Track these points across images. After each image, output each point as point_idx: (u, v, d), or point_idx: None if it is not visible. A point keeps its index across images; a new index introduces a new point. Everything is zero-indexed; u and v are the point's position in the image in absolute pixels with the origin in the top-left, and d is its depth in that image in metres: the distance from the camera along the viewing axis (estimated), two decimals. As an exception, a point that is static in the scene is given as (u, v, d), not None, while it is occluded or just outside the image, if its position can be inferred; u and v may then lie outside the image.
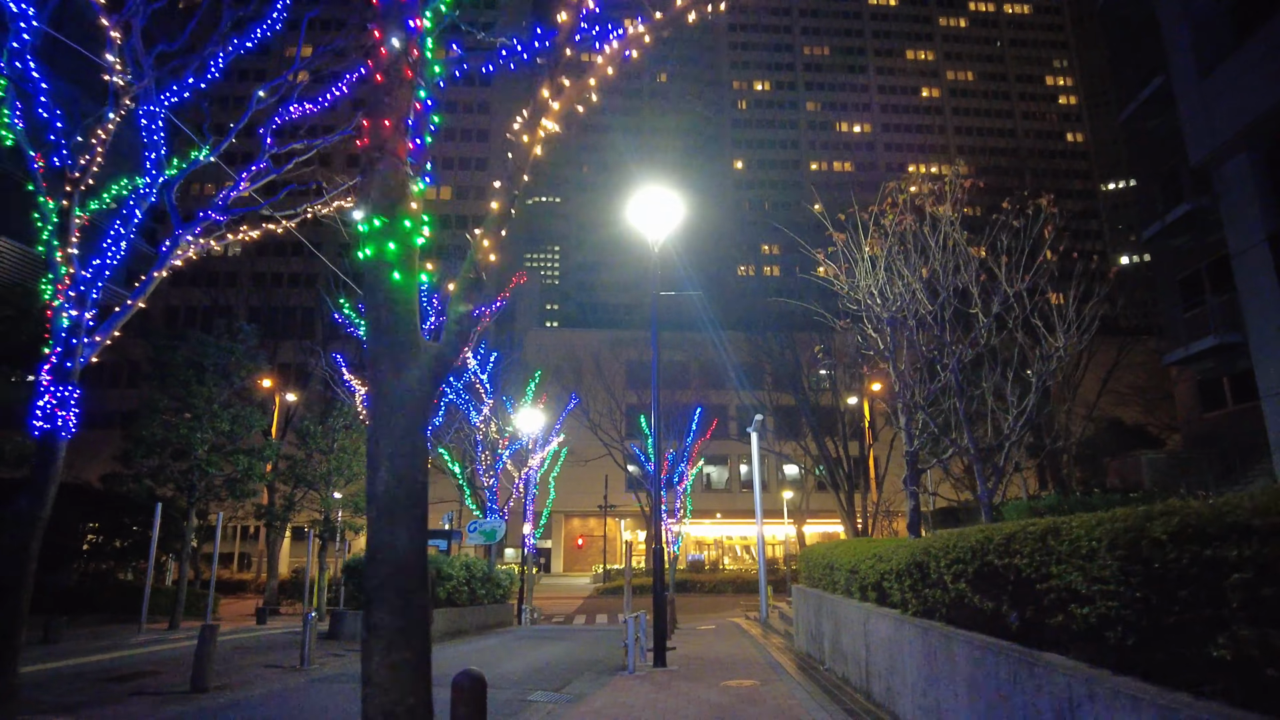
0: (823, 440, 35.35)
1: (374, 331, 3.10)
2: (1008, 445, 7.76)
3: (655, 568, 10.29)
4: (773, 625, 17.46)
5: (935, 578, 5.68)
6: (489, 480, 21.36)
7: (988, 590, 4.73)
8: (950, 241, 8.19)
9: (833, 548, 10.30)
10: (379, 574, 2.97)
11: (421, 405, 3.10)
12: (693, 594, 39.84)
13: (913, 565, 6.25)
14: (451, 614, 15.90)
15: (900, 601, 6.67)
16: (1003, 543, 4.49)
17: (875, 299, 10.17)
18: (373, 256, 3.10)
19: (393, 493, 2.99)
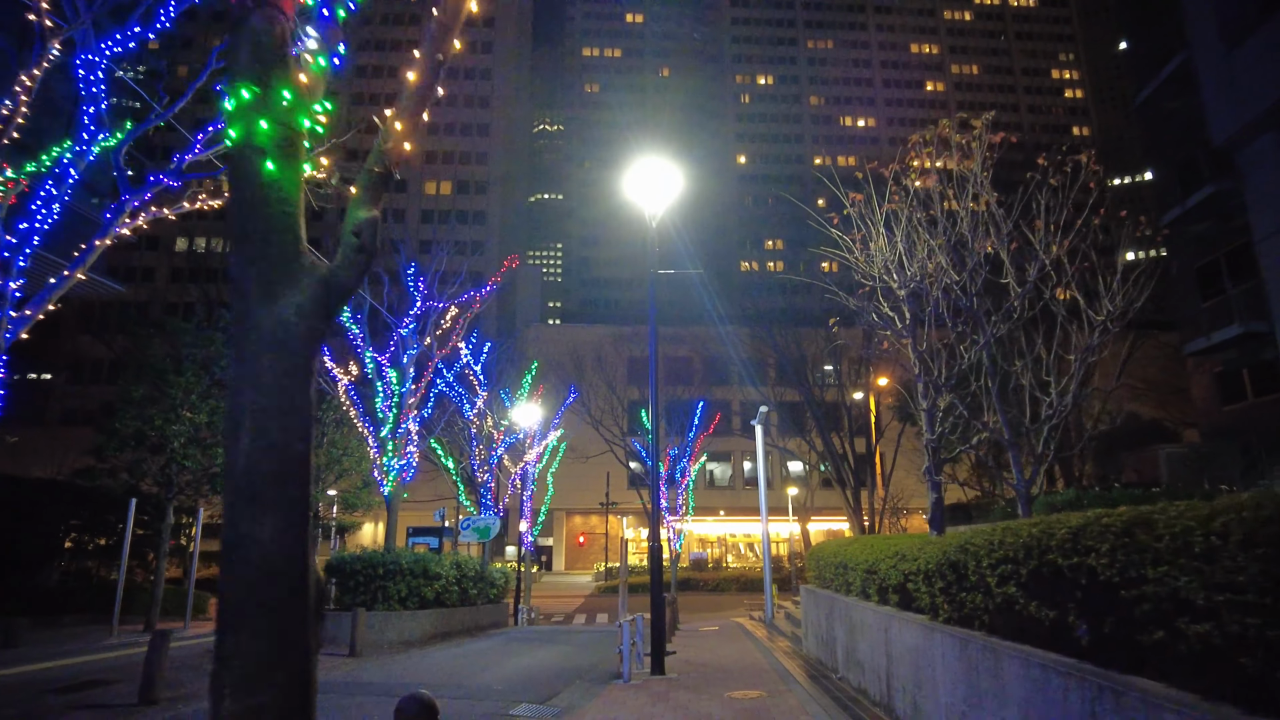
0: (829, 436, 34.47)
1: (239, 241, 2.27)
2: (1047, 429, 6.92)
3: (653, 568, 9.48)
4: (778, 626, 16.63)
5: (975, 580, 4.85)
6: (484, 476, 20.56)
7: (1047, 596, 3.89)
8: (983, 201, 7.36)
9: (846, 545, 9.47)
10: (235, 581, 2.11)
11: (303, 345, 2.25)
12: (695, 593, 39.11)
13: (945, 565, 5.42)
14: (440, 615, 15.11)
15: (929, 607, 5.84)
16: (1068, 538, 3.66)
17: (891, 275, 9.34)
18: (239, 139, 2.27)
19: (257, 466, 2.17)
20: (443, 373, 17.38)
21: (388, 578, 13.83)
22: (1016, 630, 4.33)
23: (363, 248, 2.35)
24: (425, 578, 14.30)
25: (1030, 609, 4.03)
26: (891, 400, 36.37)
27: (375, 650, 12.85)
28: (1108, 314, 6.59)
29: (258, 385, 2.16)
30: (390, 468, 14.80)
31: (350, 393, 15.13)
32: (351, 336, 14.60)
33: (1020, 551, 4.15)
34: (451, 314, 16.07)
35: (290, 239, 2.26)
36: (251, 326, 2.18)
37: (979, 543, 4.83)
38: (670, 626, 15.96)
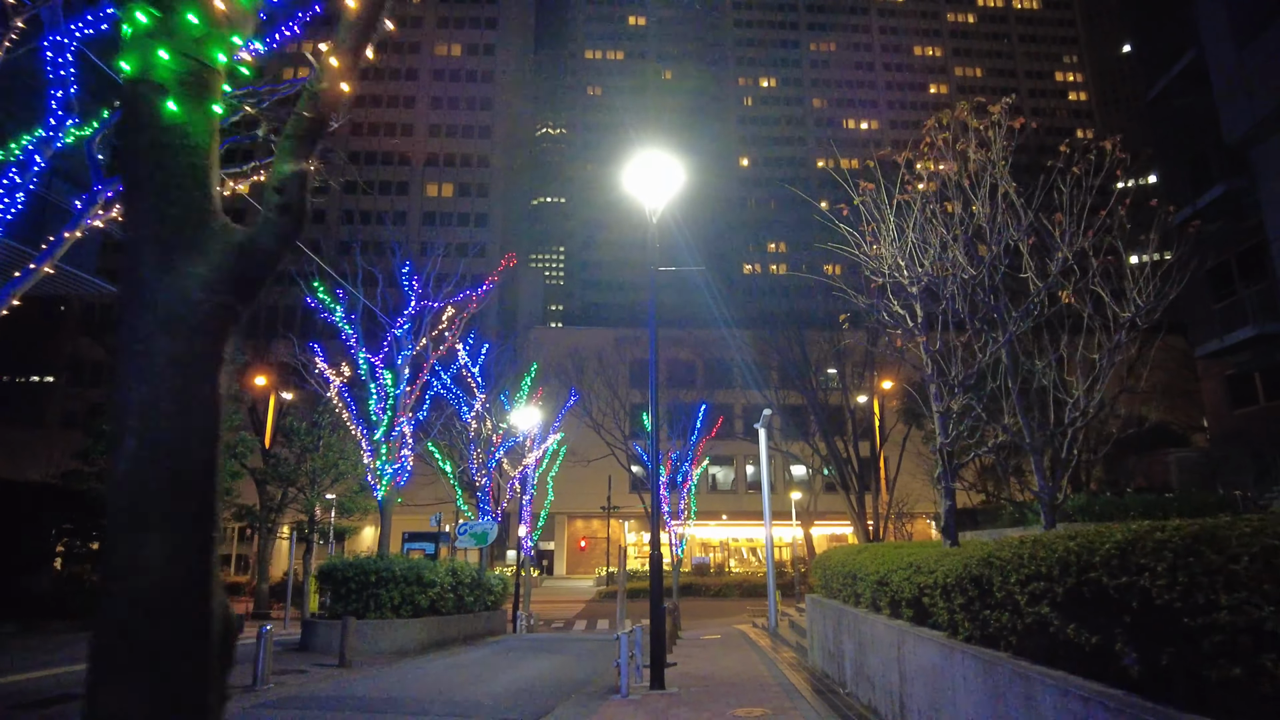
0: (832, 439, 34.03)
1: (130, 196, 1.82)
2: (1072, 431, 6.50)
3: (653, 577, 9.07)
4: (783, 636, 16.21)
5: (1001, 597, 4.43)
6: (482, 480, 20.16)
7: (1088, 619, 3.49)
8: (1001, 191, 6.95)
9: (854, 554, 9.05)
10: (110, 621, 1.66)
11: (210, 326, 1.80)
12: (698, 598, 38.75)
13: (966, 580, 5.00)
14: (434, 624, 14.69)
15: (947, 623, 5.43)
16: (1115, 555, 3.25)
17: (901, 272, 8.94)
18: (134, 73, 1.85)
19: (145, 476, 1.72)
20: (439, 374, 17.02)
21: (380, 585, 13.43)
22: (1049, 654, 3.92)
23: (287, 207, 1.92)
24: (419, 585, 13.90)
25: (1068, 632, 3.62)
26: (896, 403, 35.96)
27: (367, 660, 12.45)
28: (1136, 309, 6.18)
29: (149, 376, 1.71)
30: (384, 471, 14.41)
31: (344, 394, 14.76)
32: (344, 337, 14.23)
33: (1055, 568, 3.74)
34: (448, 314, 15.71)
35: (198, 196, 1.83)
36: (144, 303, 1.75)
37: (1005, 556, 4.42)
38: (671, 635, 15.54)
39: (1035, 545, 4.08)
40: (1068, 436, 6.58)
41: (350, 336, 14.20)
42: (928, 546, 7.69)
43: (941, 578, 5.49)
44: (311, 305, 13.89)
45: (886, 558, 7.41)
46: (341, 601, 13.52)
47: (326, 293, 14.05)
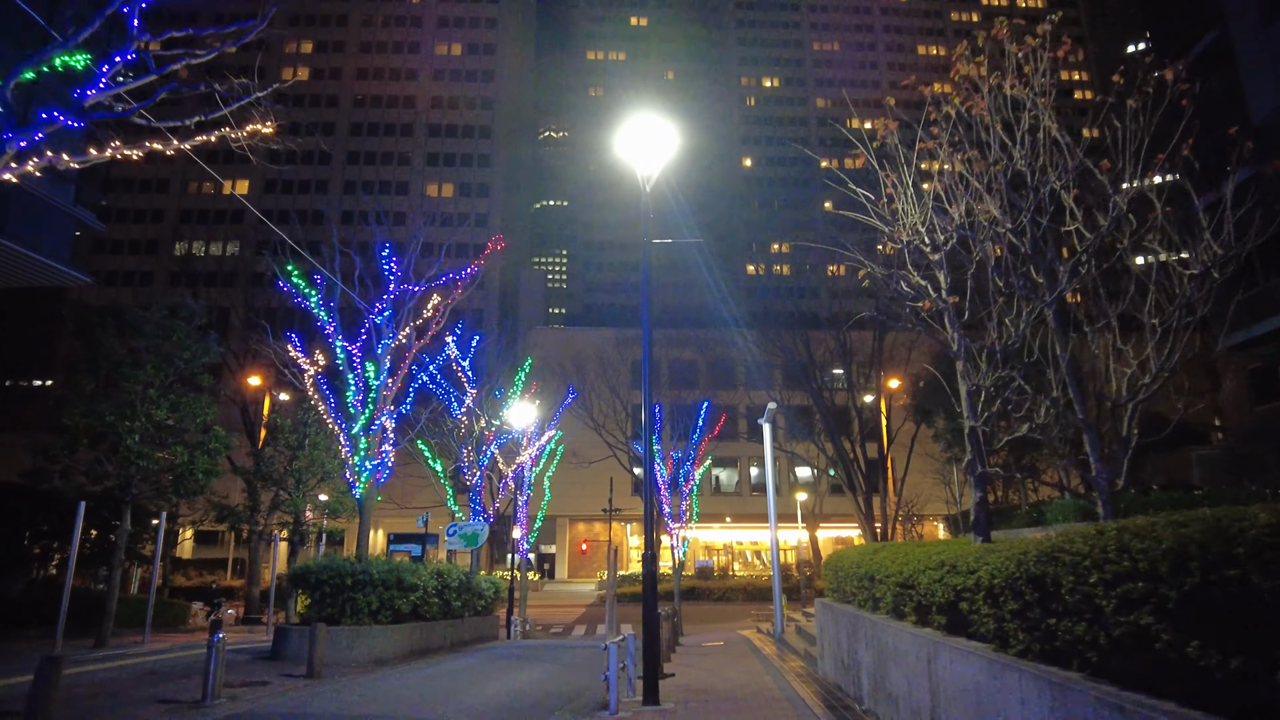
0: (839, 439, 33.06)
1: None
2: (1133, 406, 5.55)
3: (646, 580, 8.12)
4: (789, 642, 15.22)
5: (1073, 601, 3.49)
6: (473, 479, 19.23)
7: (1226, 635, 2.54)
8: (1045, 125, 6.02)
9: (871, 554, 8.09)
10: None
11: None
12: (701, 602, 37.83)
13: (1020, 581, 4.05)
14: (417, 630, 13.75)
15: (993, 633, 4.48)
16: (1258, 541, 2.31)
17: (923, 238, 8.03)
18: None
19: None
20: (426, 366, 16.09)
21: (357, 589, 12.49)
22: (1148, 678, 2.98)
23: None
24: (399, 589, 12.95)
25: (1190, 651, 2.67)
26: (906, 399, 34.97)
27: (340, 670, 11.51)
28: (1212, 258, 5.23)
29: None
30: (362, 468, 13.48)
31: (322, 385, 13.83)
32: (320, 324, 13.31)
33: (1164, 563, 2.79)
34: (433, 302, 14.79)
35: None
36: None
37: (1078, 549, 3.47)
38: (670, 642, 14.58)
39: (1126, 534, 3.14)
40: (1128, 412, 5.62)
41: (327, 324, 13.28)
42: (959, 544, 6.74)
43: (986, 579, 4.54)
44: (284, 289, 12.98)
45: (911, 557, 6.45)
46: (316, 607, 12.59)
47: (301, 277, 13.16)
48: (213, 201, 75.38)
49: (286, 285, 12.88)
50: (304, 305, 13.13)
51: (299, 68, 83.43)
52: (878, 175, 8.07)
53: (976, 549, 5.31)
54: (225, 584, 40.58)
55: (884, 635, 6.72)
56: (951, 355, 7.67)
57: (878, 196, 8.60)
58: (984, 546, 5.53)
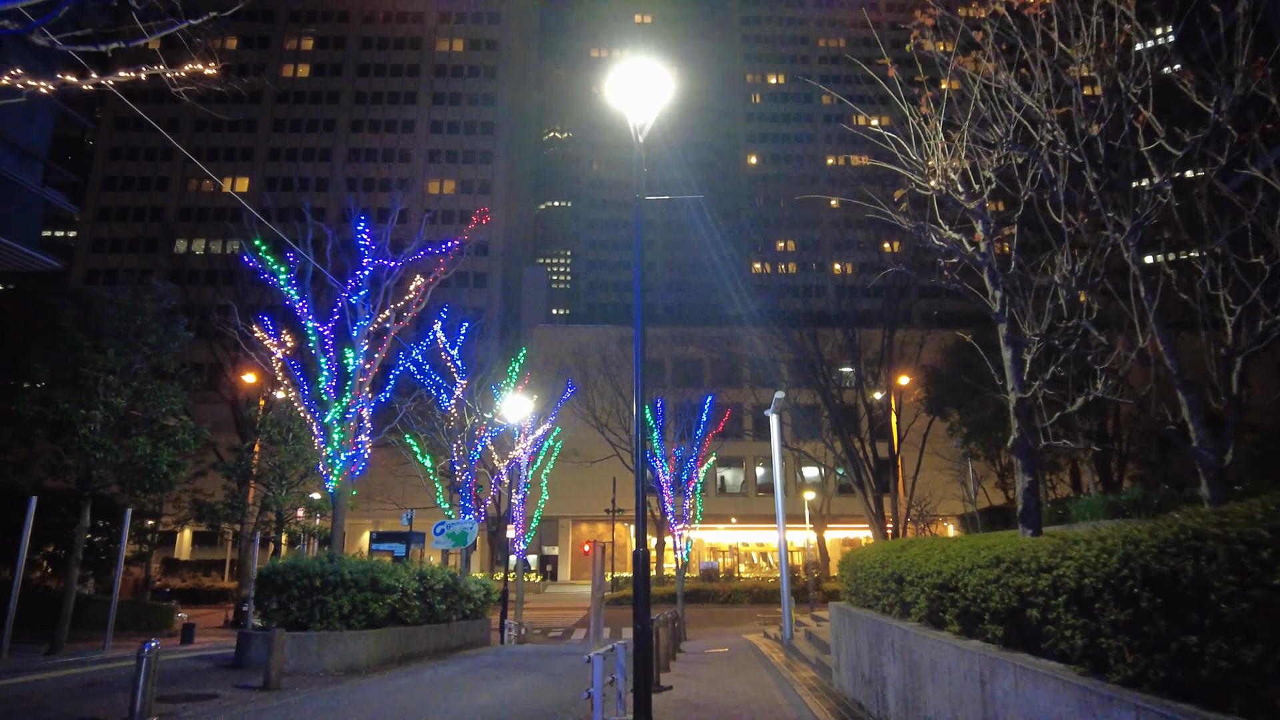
0: (848, 438, 31.91)
1: None
2: (1239, 359, 4.45)
3: (637, 582, 7.03)
4: (799, 649, 14.07)
5: (1236, 612, 2.38)
6: (463, 475, 18.17)
7: None
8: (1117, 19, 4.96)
9: (897, 551, 6.98)
10: None
11: None
12: (706, 604, 36.70)
13: (1131, 580, 2.94)
14: (397, 635, 12.67)
15: (1081, 651, 3.37)
16: None
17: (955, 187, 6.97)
18: None
19: None
20: (411, 353, 15.03)
21: (327, 591, 11.42)
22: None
23: None
24: (375, 591, 11.88)
25: None
26: (917, 395, 33.79)
27: (306, 680, 10.44)
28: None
29: None
30: (336, 460, 12.42)
31: (295, 371, 12.77)
32: (289, 302, 12.24)
33: None
34: (415, 284, 13.73)
35: None
36: None
37: (1249, 532, 2.36)
38: (671, 648, 13.49)
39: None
40: (1235, 366, 4.51)
41: (298, 303, 12.22)
42: (1008, 537, 5.62)
43: (1071, 578, 3.42)
44: (249, 264, 11.93)
45: (952, 552, 5.34)
46: (283, 610, 11.53)
47: (270, 253, 12.11)
48: (211, 199, 74.50)
49: (252, 260, 11.83)
50: (273, 283, 12.07)
51: (299, 65, 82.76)
52: (902, 119, 7.00)
53: (1039, 542, 4.20)
54: (221, 585, 39.59)
55: (918, 647, 5.60)
56: (994, 318, 6.56)
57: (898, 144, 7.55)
58: (1047, 539, 4.44)
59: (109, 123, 77.08)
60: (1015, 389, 6.21)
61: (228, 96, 7.84)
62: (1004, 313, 6.35)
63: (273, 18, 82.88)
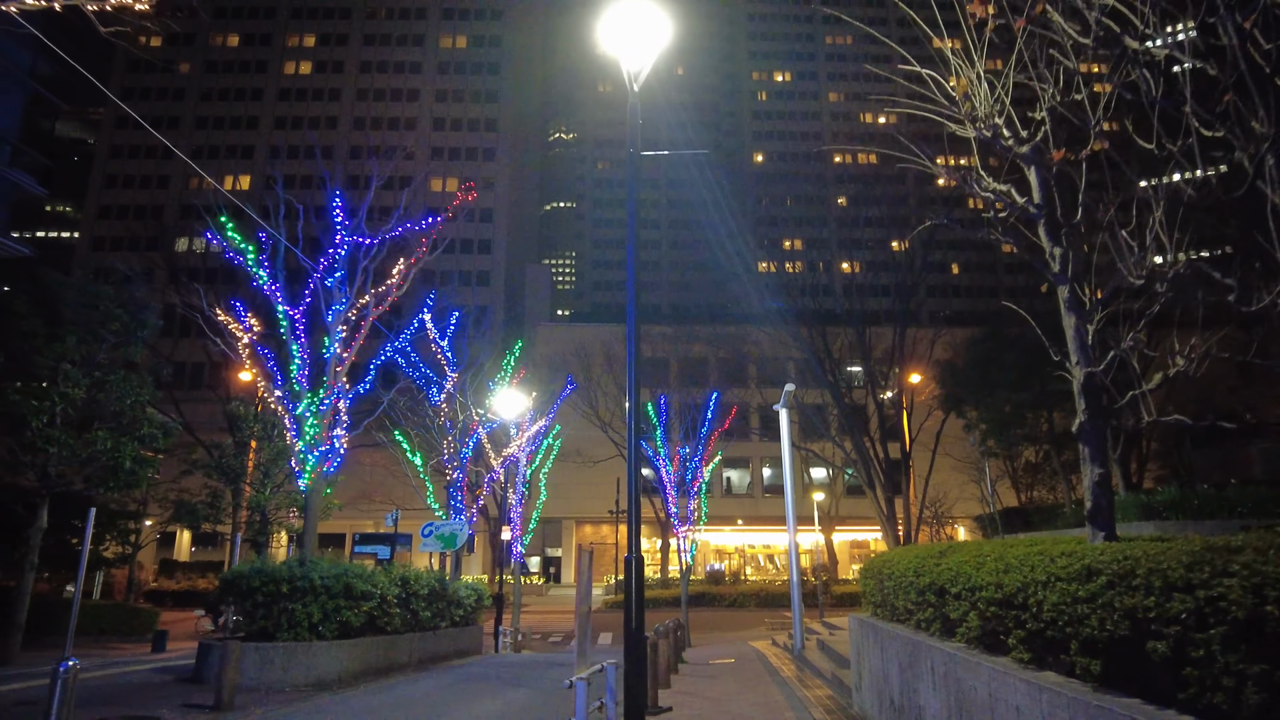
0: (859, 437, 30.79)
1: None
2: None
3: (628, 591, 6.00)
4: (811, 661, 13.01)
5: None
6: (453, 473, 17.15)
7: None
8: None
9: (935, 556, 5.92)
10: None
11: None
12: (711, 609, 35.68)
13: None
14: (375, 645, 11.65)
15: (1258, 709, 2.33)
16: None
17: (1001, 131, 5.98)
18: None
19: None
20: (393, 341, 13.99)
21: (294, 598, 10.41)
22: None
23: None
24: (348, 597, 10.86)
25: None
26: (929, 392, 32.64)
27: (267, 696, 9.44)
28: None
29: None
30: (308, 455, 11.42)
31: (269, 361, 11.77)
32: (256, 283, 11.22)
33: None
34: (399, 267, 12.73)
35: None
36: None
37: None
38: (672, 660, 12.45)
39: None
40: None
41: (268, 285, 11.22)
42: (1075, 542, 4.58)
43: (1243, 602, 2.37)
44: (212, 240, 10.92)
45: (1012, 559, 4.29)
46: (248, 619, 10.54)
47: (237, 230, 11.13)
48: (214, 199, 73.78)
49: (216, 238, 10.84)
50: (239, 263, 11.07)
51: (301, 62, 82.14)
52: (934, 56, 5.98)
53: (1153, 549, 3.15)
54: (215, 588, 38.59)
55: (970, 676, 4.55)
56: (1052, 280, 5.51)
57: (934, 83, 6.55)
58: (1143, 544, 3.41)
59: (110, 121, 76.56)
60: (1081, 362, 5.15)
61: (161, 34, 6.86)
62: (1065, 273, 5.30)
63: (274, 14, 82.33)
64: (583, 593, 6.37)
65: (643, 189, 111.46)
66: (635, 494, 6.48)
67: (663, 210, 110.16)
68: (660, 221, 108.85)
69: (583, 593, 6.37)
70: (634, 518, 6.43)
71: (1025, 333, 22.77)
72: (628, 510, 6.50)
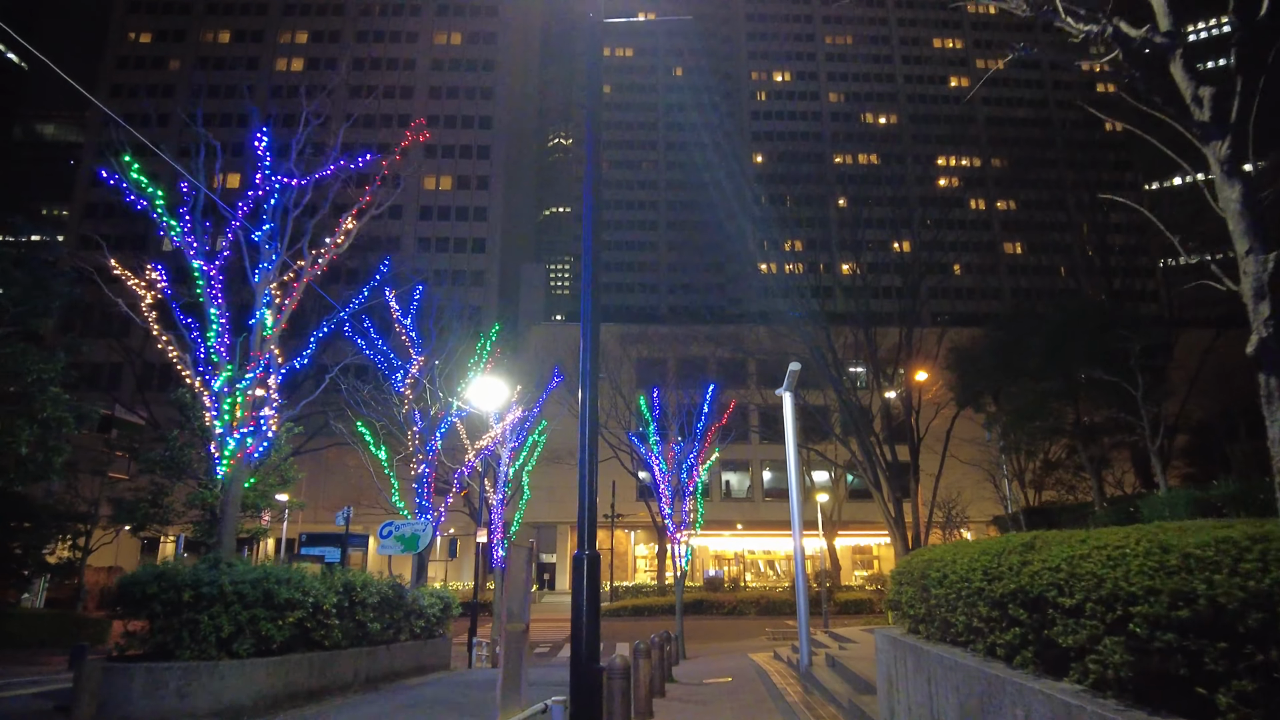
0: (866, 438, 29.03)
1: None
2: None
3: (575, 602, 4.23)
4: (820, 680, 11.15)
5: None
6: (417, 466, 15.34)
7: None
8: None
9: (1018, 551, 4.09)
10: None
11: None
12: (709, 617, 33.89)
13: None
14: (304, 664, 9.81)
15: None
16: None
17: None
18: None
19: None
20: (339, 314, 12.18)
21: (199, 606, 8.59)
22: None
23: None
24: (268, 606, 9.04)
25: None
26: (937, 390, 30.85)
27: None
28: None
29: None
30: (227, 437, 9.63)
31: (191, 331, 9.95)
32: (163, 231, 9.42)
33: None
34: (349, 225, 10.97)
35: None
36: None
37: None
38: (659, 680, 10.66)
39: None
40: None
41: (180, 235, 9.44)
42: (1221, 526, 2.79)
43: None
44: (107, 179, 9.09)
45: (1191, 545, 2.50)
46: (149, 633, 8.72)
47: (142, 171, 9.37)
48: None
49: (114, 178, 9.04)
50: (143, 207, 9.28)
51: (293, 59, 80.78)
52: None
53: None
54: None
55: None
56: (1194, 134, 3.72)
57: None
58: None
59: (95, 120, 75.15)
60: (1255, 251, 3.36)
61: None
62: (1225, 120, 3.52)
63: (266, 10, 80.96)
64: (516, 602, 4.57)
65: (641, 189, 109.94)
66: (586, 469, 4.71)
67: (661, 211, 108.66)
68: (659, 223, 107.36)
69: (516, 602, 4.57)
70: (584, 500, 4.64)
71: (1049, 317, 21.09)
72: (579, 491, 4.74)
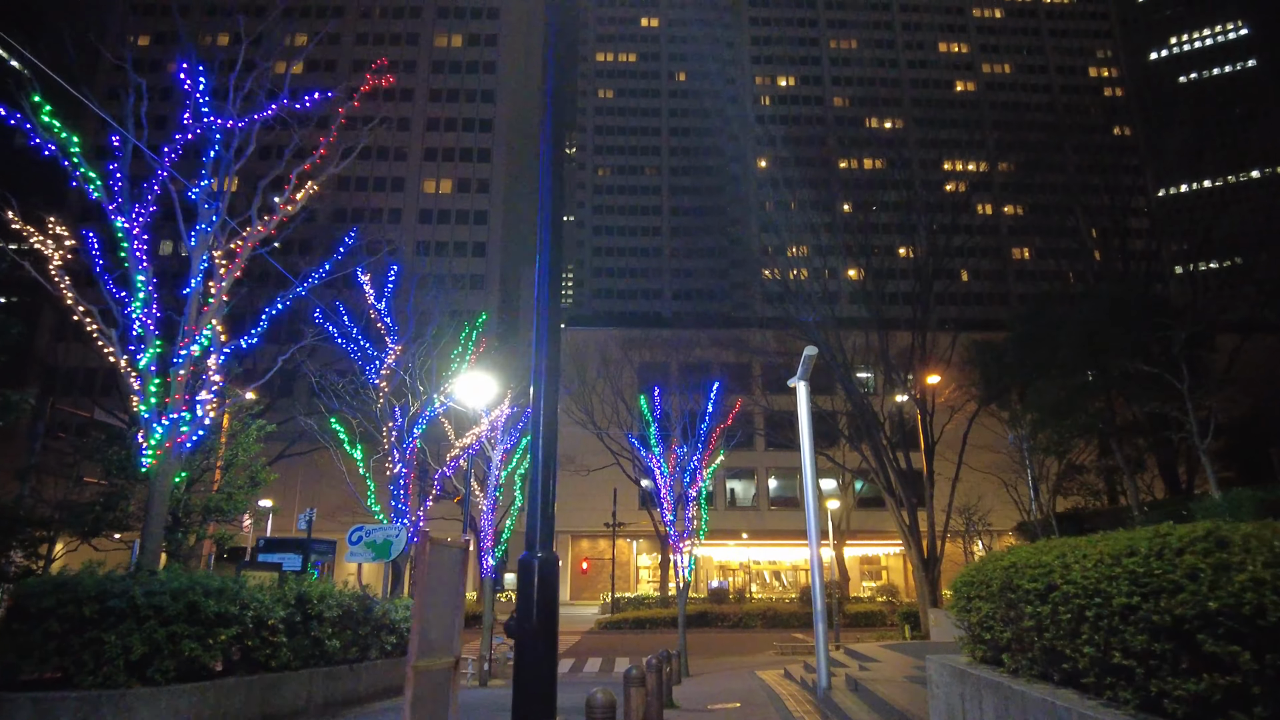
0: (879, 442, 27.58)
1: None
2: None
3: (521, 625, 2.84)
4: (841, 706, 9.64)
5: None
6: (393, 467, 13.93)
7: None
8: None
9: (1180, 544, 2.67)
10: None
11: None
12: (714, 630, 32.44)
13: None
14: (241, 689, 8.37)
15: None
16: None
17: None
18: None
19: None
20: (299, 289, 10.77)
21: (105, 623, 7.19)
22: None
23: None
24: (193, 623, 7.63)
25: None
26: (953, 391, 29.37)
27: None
28: None
29: None
30: (155, 422, 8.26)
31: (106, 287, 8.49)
32: (76, 182, 8.04)
33: None
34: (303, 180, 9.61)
35: None
36: None
37: None
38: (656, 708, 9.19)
39: None
40: None
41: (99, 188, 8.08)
42: None
43: None
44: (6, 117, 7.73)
45: None
46: (38, 656, 7.29)
47: (55, 115, 8.03)
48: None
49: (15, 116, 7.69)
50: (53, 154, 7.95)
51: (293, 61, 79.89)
52: None
53: None
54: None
55: None
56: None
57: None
58: None
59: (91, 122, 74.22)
60: None
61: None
62: None
63: (264, 13, 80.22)
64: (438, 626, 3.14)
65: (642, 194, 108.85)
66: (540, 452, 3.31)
67: (665, 218, 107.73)
68: (663, 228, 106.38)
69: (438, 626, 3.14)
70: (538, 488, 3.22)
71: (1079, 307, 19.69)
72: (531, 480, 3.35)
